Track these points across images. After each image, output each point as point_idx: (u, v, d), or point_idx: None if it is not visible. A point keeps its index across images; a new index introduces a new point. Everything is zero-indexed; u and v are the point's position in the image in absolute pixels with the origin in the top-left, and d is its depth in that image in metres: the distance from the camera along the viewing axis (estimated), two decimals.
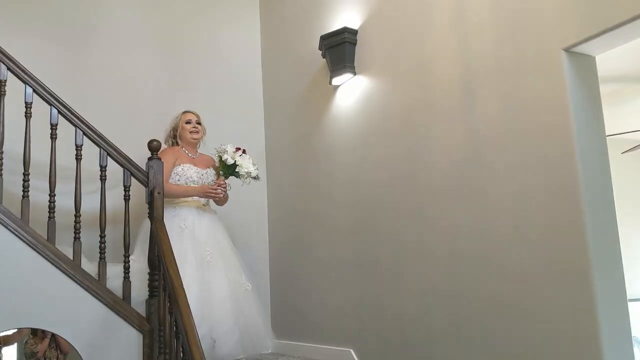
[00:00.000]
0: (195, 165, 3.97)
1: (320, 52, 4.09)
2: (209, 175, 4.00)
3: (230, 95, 4.85)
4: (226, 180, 3.94)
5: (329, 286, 4.06)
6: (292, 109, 4.65)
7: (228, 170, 3.88)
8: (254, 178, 3.93)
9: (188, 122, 4.05)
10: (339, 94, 4.05)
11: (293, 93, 4.63)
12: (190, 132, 4.03)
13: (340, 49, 3.87)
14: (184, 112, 4.11)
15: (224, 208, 4.15)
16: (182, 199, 3.87)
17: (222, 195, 3.93)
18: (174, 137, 4.08)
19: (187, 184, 3.89)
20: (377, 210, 3.65)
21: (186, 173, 3.90)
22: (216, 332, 3.49)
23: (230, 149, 3.88)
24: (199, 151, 4.15)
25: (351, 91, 3.93)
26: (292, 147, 4.56)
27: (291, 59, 4.68)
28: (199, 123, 4.09)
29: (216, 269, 3.69)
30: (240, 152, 3.88)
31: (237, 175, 3.88)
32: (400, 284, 3.42)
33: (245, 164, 3.85)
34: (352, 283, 3.82)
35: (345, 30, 3.83)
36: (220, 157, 3.88)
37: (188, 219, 3.81)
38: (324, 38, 3.96)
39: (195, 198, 3.90)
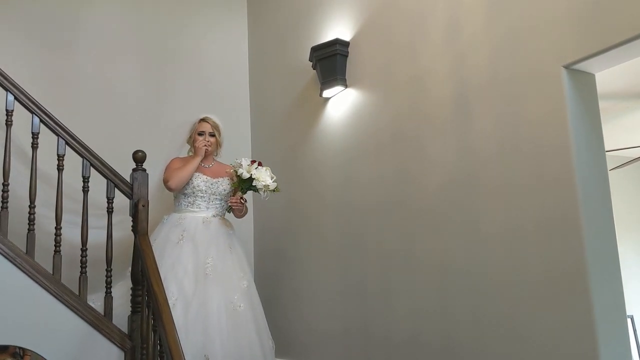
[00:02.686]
0: (204, 174, 3.86)
1: (311, 63, 4.03)
2: (220, 184, 3.88)
3: (216, 106, 4.72)
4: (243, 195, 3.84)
5: (314, 308, 3.97)
6: (280, 120, 4.58)
7: (245, 184, 3.76)
8: (273, 191, 3.79)
9: (200, 134, 3.92)
10: (329, 106, 3.98)
11: (281, 104, 4.55)
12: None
13: (331, 61, 3.81)
14: (200, 120, 3.96)
15: None
16: (189, 209, 3.79)
17: (241, 206, 3.82)
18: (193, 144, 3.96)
19: (194, 193, 3.80)
20: (365, 227, 3.58)
21: (193, 182, 3.80)
22: (209, 350, 3.37)
23: (245, 162, 3.76)
24: (217, 160, 4.05)
25: (342, 104, 3.87)
26: (279, 160, 4.46)
27: (280, 70, 4.61)
28: (212, 135, 3.95)
29: (215, 284, 3.56)
30: (255, 165, 3.76)
31: (255, 189, 3.76)
32: (389, 308, 3.34)
33: (262, 177, 3.71)
34: (339, 305, 3.73)
35: (337, 41, 3.77)
36: (236, 172, 3.76)
37: (190, 229, 3.70)
38: (315, 49, 3.89)
39: (203, 208, 3.81)
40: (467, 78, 2.92)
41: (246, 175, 3.70)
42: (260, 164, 3.78)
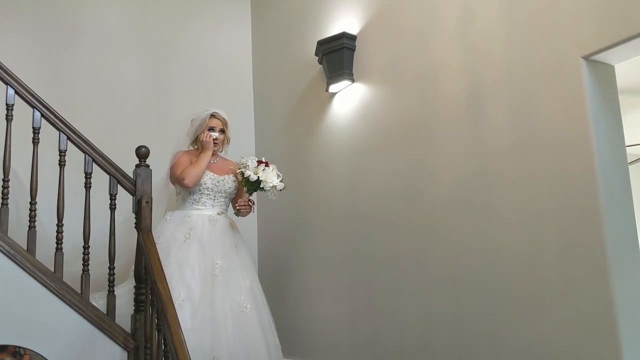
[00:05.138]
0: (211, 171, 3.77)
1: (317, 57, 3.95)
2: (226, 182, 3.79)
3: (219, 101, 4.60)
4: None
5: (322, 308, 3.89)
6: (285, 117, 4.50)
7: (252, 186, 3.66)
8: (281, 190, 3.70)
9: (211, 130, 3.80)
10: (335, 101, 3.91)
11: (286, 100, 4.47)
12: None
13: (338, 55, 3.74)
14: (210, 116, 3.83)
15: None
16: (194, 207, 3.71)
17: (248, 208, 3.77)
18: (196, 141, 3.85)
19: (200, 190, 3.71)
20: (374, 227, 3.50)
21: (200, 179, 3.71)
22: (217, 351, 3.30)
23: (252, 163, 3.65)
24: (220, 155, 3.95)
25: (349, 99, 3.80)
26: (284, 158, 4.38)
27: (285, 64, 4.53)
28: (222, 131, 3.85)
29: (222, 285, 3.49)
30: (262, 166, 3.65)
31: (262, 190, 3.67)
32: (399, 307, 3.26)
33: (270, 178, 3.61)
34: (347, 305, 3.65)
35: (344, 35, 3.70)
36: (243, 173, 3.66)
37: (197, 227, 3.62)
38: (321, 43, 3.82)
39: (209, 206, 3.73)
40: (481, 70, 2.85)
41: (254, 178, 3.61)
42: (267, 164, 3.68)
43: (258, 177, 3.61)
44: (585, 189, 2.33)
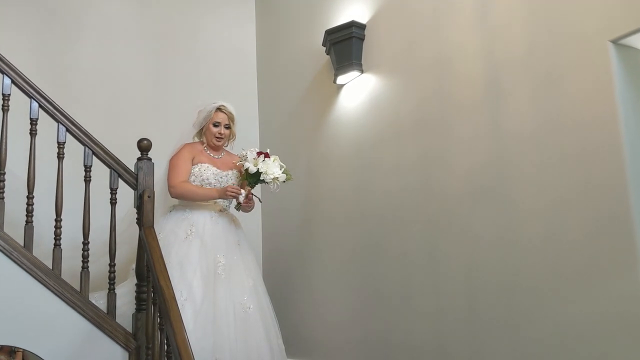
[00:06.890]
0: (214, 165, 3.64)
1: (324, 47, 3.85)
2: (230, 178, 3.65)
3: (222, 93, 4.48)
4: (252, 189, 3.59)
5: (329, 308, 3.78)
6: (290, 109, 4.39)
7: (253, 179, 3.51)
8: (284, 181, 3.52)
9: (216, 125, 3.65)
10: (343, 93, 3.80)
11: (292, 92, 4.37)
12: (215, 137, 3.64)
13: (346, 45, 3.64)
14: (217, 110, 3.66)
15: None
16: (196, 202, 3.57)
17: (250, 202, 3.58)
18: (201, 133, 3.71)
19: (202, 185, 3.57)
20: (384, 223, 3.40)
21: (202, 174, 3.57)
22: (219, 352, 3.18)
23: (250, 155, 3.49)
24: (226, 149, 3.81)
25: (358, 91, 3.69)
26: (289, 151, 4.23)
27: (291, 55, 4.42)
28: (228, 127, 3.69)
29: (225, 284, 3.37)
30: (262, 157, 3.48)
31: (263, 182, 3.51)
32: (411, 309, 3.16)
33: (271, 169, 3.44)
34: (356, 305, 3.55)
35: (352, 24, 3.60)
36: (243, 166, 3.52)
37: (198, 224, 3.48)
38: (329, 33, 3.73)
39: (210, 202, 3.59)
40: (501, 55, 2.75)
41: (253, 170, 3.46)
42: (267, 155, 3.54)
43: (258, 168, 3.47)
44: (612, 179, 2.23)
